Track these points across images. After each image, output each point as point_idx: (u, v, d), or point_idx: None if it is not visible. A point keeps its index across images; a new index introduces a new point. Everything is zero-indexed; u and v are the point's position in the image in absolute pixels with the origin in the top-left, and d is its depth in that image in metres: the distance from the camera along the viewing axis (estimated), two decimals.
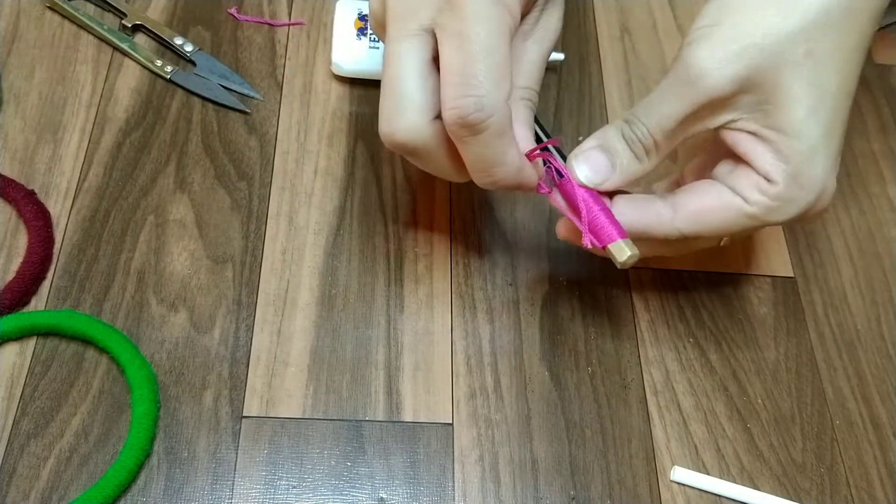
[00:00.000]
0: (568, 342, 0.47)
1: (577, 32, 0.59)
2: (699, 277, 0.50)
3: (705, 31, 0.37)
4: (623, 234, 0.39)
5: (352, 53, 0.53)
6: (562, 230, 0.42)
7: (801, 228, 0.52)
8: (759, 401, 0.46)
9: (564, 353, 0.46)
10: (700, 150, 0.45)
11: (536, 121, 0.41)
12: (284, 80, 0.54)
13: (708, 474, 0.43)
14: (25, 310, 0.44)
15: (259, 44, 0.55)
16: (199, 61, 0.53)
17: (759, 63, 0.36)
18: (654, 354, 0.47)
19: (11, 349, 0.43)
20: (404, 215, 0.49)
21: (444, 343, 0.46)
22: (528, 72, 0.41)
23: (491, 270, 0.48)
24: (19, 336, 0.43)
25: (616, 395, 0.45)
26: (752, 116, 0.38)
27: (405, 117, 0.37)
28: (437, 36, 0.36)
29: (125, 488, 0.40)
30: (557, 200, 0.41)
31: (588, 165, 0.40)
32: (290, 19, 0.56)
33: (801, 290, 0.50)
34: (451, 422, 0.43)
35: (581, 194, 0.40)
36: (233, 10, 0.56)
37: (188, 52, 0.53)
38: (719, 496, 0.43)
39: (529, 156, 0.39)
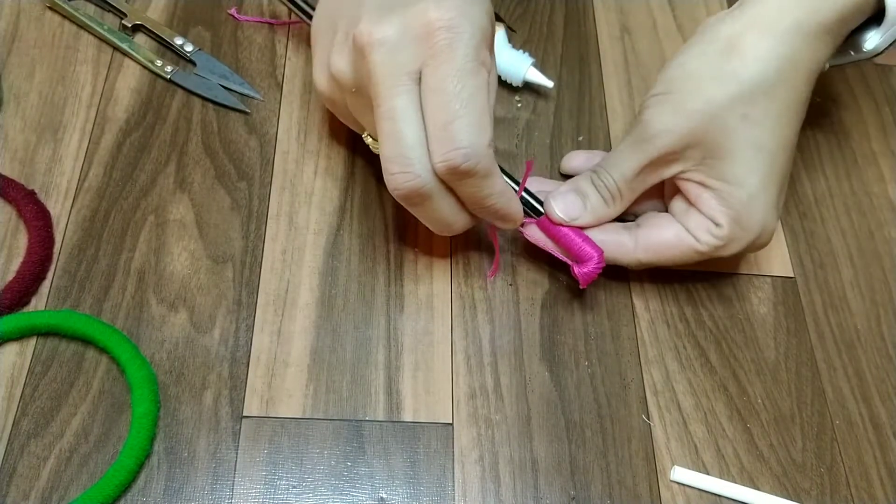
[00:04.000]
0: (568, 342, 0.47)
1: (577, 32, 0.59)
2: (699, 277, 0.50)
3: (659, 98, 0.44)
4: (600, 255, 0.45)
5: None
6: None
7: (801, 228, 0.53)
8: (759, 401, 0.46)
9: (564, 353, 0.46)
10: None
11: (500, 168, 0.45)
12: (285, 80, 0.54)
13: (708, 474, 0.43)
14: (25, 310, 0.44)
15: (259, 44, 0.55)
16: (199, 61, 0.53)
17: (701, 126, 0.43)
18: (654, 354, 0.47)
19: (11, 349, 0.43)
20: (404, 215, 0.49)
21: (444, 343, 0.46)
22: None
23: (491, 270, 0.48)
24: (19, 336, 0.43)
25: (616, 395, 0.45)
26: (698, 168, 0.44)
27: (411, 169, 0.39)
28: (422, 88, 0.39)
29: (125, 488, 0.40)
30: (532, 235, 0.46)
31: (564, 204, 0.45)
32: (290, 18, 0.56)
33: (801, 291, 0.50)
34: (451, 422, 0.43)
35: (562, 228, 0.46)
36: (233, 11, 0.56)
37: (188, 52, 0.53)
38: (719, 496, 0.43)
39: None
